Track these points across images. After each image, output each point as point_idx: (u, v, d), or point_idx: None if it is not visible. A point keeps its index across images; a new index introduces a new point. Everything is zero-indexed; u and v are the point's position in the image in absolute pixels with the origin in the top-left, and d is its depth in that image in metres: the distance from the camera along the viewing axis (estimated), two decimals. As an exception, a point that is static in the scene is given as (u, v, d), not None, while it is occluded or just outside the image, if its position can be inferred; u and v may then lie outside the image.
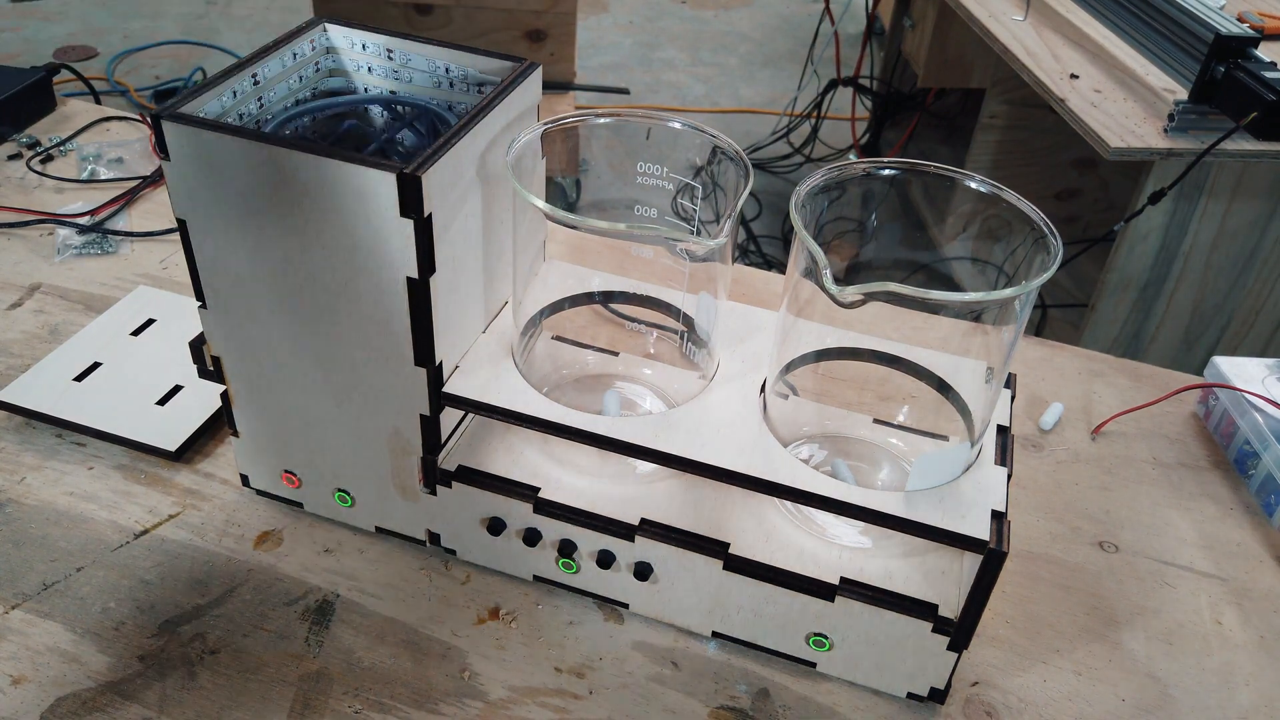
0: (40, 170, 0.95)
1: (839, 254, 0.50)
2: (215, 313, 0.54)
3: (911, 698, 0.54)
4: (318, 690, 0.53)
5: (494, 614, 0.57)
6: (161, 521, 0.61)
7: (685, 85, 2.95)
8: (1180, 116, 1.23)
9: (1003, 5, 1.64)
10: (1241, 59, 1.19)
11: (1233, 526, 0.67)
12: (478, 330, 0.57)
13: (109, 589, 0.57)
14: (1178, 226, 1.28)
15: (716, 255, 0.53)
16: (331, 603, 0.57)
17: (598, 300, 0.61)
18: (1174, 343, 1.41)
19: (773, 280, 0.85)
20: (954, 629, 0.50)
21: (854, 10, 2.77)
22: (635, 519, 0.54)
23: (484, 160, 0.51)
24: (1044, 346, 0.81)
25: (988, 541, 0.47)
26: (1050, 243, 0.46)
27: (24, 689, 0.52)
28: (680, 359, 0.59)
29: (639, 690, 0.54)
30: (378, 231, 0.47)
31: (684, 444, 0.51)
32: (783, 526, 0.55)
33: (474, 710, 0.52)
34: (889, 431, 0.58)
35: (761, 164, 2.49)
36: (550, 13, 1.55)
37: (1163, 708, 0.55)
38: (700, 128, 0.53)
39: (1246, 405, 0.70)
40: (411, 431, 0.54)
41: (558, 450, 0.58)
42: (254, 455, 0.61)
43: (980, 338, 0.51)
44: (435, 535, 0.60)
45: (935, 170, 0.52)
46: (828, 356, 0.56)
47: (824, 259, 0.44)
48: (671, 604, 0.56)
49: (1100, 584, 0.62)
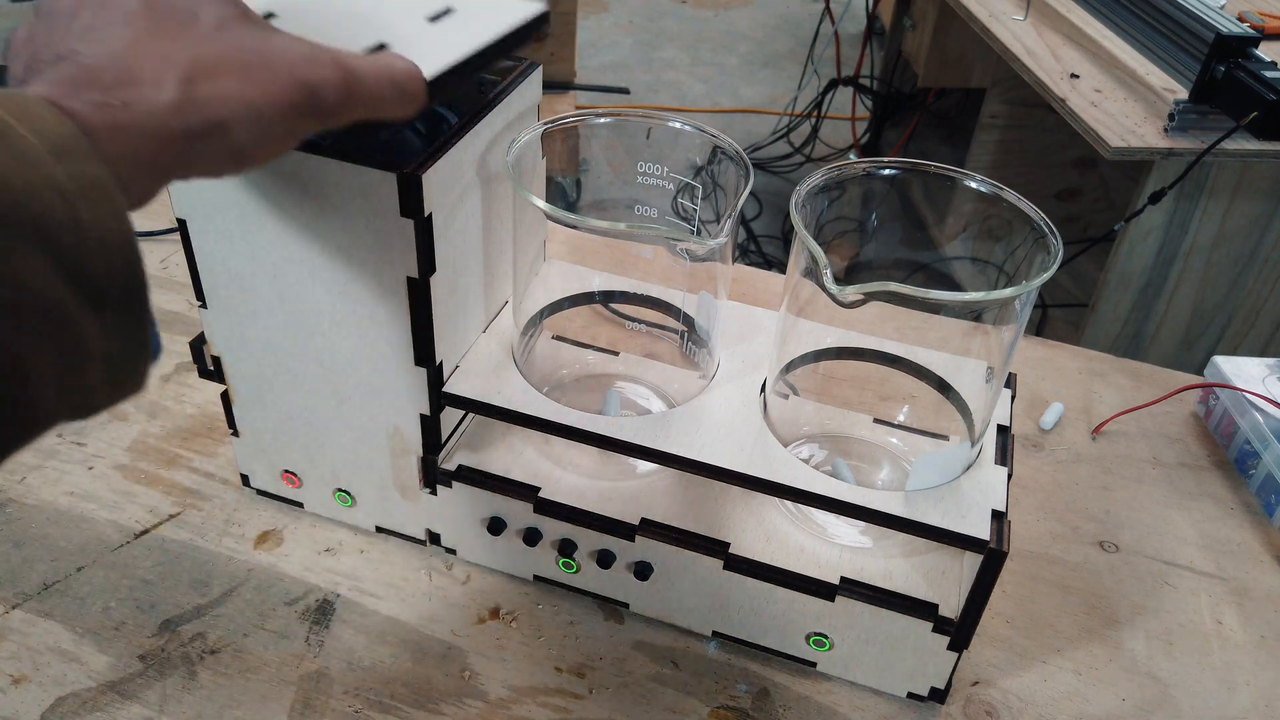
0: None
1: (839, 254, 0.50)
2: (215, 313, 0.54)
3: (912, 697, 0.54)
4: (318, 690, 0.53)
5: (494, 614, 0.57)
6: (161, 521, 0.61)
7: (685, 85, 2.95)
8: (1180, 116, 1.23)
9: (1003, 5, 1.64)
10: (1242, 59, 1.19)
11: (1233, 526, 0.67)
12: (478, 330, 0.57)
13: (109, 589, 0.57)
14: (1178, 226, 1.29)
15: (717, 255, 0.53)
16: (332, 602, 0.57)
17: (598, 300, 0.61)
18: (1174, 343, 1.41)
19: (773, 280, 0.85)
20: (954, 629, 0.50)
21: (854, 10, 2.77)
22: (635, 519, 0.54)
23: (484, 160, 0.51)
24: (1044, 346, 0.81)
25: (988, 541, 0.47)
26: (1050, 242, 0.46)
27: (24, 689, 0.52)
28: (680, 359, 0.59)
29: (639, 690, 0.54)
30: (378, 231, 0.47)
31: (684, 444, 0.51)
32: (783, 526, 0.55)
33: (474, 710, 0.52)
34: (889, 431, 0.58)
35: (761, 164, 2.49)
36: (550, 13, 1.55)
37: (1163, 708, 0.55)
38: (700, 127, 0.53)
39: (1247, 405, 0.70)
40: (411, 431, 0.54)
41: (558, 450, 0.58)
42: (254, 455, 0.61)
43: (980, 337, 0.51)
44: (435, 535, 0.60)
45: (935, 170, 0.52)
46: (828, 356, 0.56)
47: (824, 259, 0.44)
48: (671, 604, 0.56)
49: (1100, 584, 0.62)
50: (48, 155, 0.28)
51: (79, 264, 0.29)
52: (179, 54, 0.33)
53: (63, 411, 0.30)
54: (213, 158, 0.35)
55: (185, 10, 0.35)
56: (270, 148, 0.36)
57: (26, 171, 0.28)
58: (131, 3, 0.34)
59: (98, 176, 0.30)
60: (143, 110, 0.32)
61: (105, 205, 0.30)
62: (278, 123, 0.35)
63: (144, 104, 0.32)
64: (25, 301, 0.27)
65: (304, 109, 0.36)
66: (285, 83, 0.35)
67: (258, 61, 0.35)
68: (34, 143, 0.28)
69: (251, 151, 0.35)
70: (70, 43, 0.33)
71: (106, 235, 0.29)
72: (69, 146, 0.29)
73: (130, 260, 0.30)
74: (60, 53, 0.33)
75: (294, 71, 0.35)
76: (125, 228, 0.30)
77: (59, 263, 0.28)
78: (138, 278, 0.31)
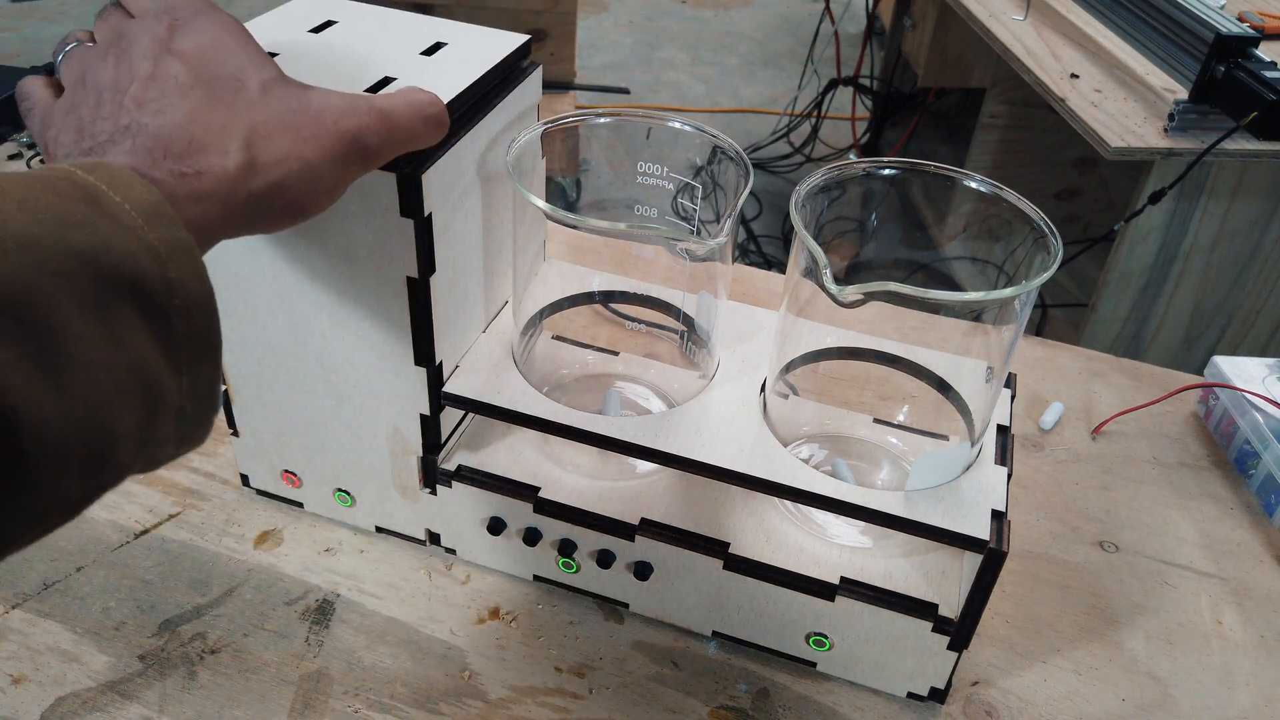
0: (40, 170, 0.95)
1: (839, 254, 0.50)
2: (215, 312, 0.54)
3: (912, 697, 0.54)
4: (318, 690, 0.53)
5: (494, 614, 0.57)
6: (161, 521, 0.61)
7: (685, 85, 2.95)
8: (1180, 116, 1.23)
9: (1003, 5, 1.64)
10: (1242, 59, 1.19)
11: (1233, 526, 0.67)
12: (478, 330, 0.57)
13: (109, 588, 0.57)
14: (1178, 226, 1.29)
15: (716, 255, 0.53)
16: (331, 602, 0.57)
17: (598, 300, 0.61)
18: (1174, 343, 1.41)
19: (773, 280, 0.85)
20: (954, 629, 0.50)
21: (854, 10, 2.77)
22: (635, 519, 0.54)
23: (484, 160, 0.51)
24: (1044, 346, 0.81)
25: (988, 541, 0.47)
26: (1050, 242, 0.46)
27: (24, 689, 0.52)
28: (680, 359, 0.59)
29: (639, 690, 0.54)
30: (378, 231, 0.47)
31: (684, 444, 0.51)
32: (783, 526, 0.55)
33: (474, 710, 0.52)
34: (889, 431, 0.58)
35: (761, 164, 2.49)
36: (550, 12, 1.55)
37: (1163, 707, 0.55)
38: (700, 127, 0.53)
39: (1247, 405, 0.70)
40: (411, 431, 0.54)
41: (558, 450, 0.58)
42: (254, 455, 0.61)
43: (980, 337, 0.51)
44: (435, 535, 0.60)
45: (935, 170, 0.52)
46: (828, 356, 0.56)
47: (824, 259, 0.44)
48: (671, 604, 0.56)
49: (1100, 584, 0.62)
50: (141, 221, 0.30)
51: (168, 324, 0.31)
52: (236, 121, 0.36)
53: (137, 465, 0.32)
54: (273, 214, 0.37)
55: (232, 78, 0.37)
56: (323, 199, 0.39)
57: (125, 236, 0.30)
58: (181, 73, 0.36)
59: (184, 240, 0.31)
60: (213, 177, 0.34)
61: (190, 267, 0.31)
62: (329, 175, 0.38)
63: (214, 171, 0.34)
64: (122, 361, 0.29)
65: (351, 157, 0.38)
66: (332, 137, 0.37)
67: (305, 120, 0.37)
68: (129, 210, 0.30)
69: (307, 204, 0.38)
70: (130, 115, 0.35)
71: (191, 296, 0.31)
72: (158, 212, 0.31)
73: (210, 319, 0.32)
74: (123, 125, 0.35)
75: (339, 125, 0.38)
76: (207, 289, 0.32)
77: (152, 323, 0.30)
78: (215, 336, 0.33)
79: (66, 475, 0.28)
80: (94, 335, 0.28)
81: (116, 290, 0.29)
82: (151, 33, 0.37)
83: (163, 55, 0.36)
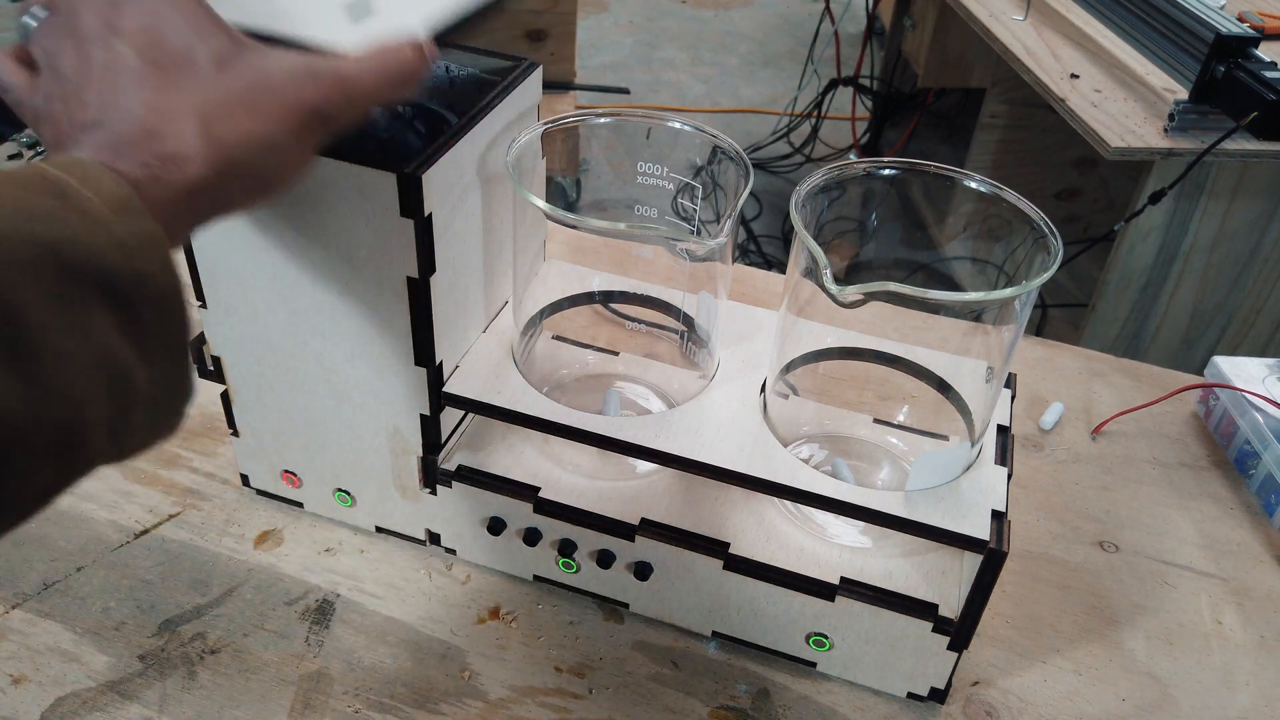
0: (40, 170, 0.95)
1: (839, 254, 0.50)
2: (215, 313, 0.54)
3: (912, 697, 0.54)
4: (318, 690, 0.53)
5: (494, 614, 0.57)
6: (161, 521, 0.61)
7: (685, 85, 2.95)
8: (1180, 116, 1.23)
9: (1003, 5, 1.64)
10: (1242, 59, 1.19)
11: (1233, 526, 0.67)
12: (478, 330, 0.57)
13: (109, 589, 0.57)
14: (1178, 226, 1.29)
15: (717, 255, 0.53)
16: (331, 602, 0.57)
17: (598, 300, 0.61)
18: (1174, 343, 1.41)
19: (773, 280, 0.85)
20: (954, 629, 0.50)
21: (854, 10, 2.77)
22: (635, 519, 0.54)
23: (484, 160, 0.51)
24: (1044, 346, 0.81)
25: (988, 541, 0.47)
26: (1050, 243, 0.46)
27: (24, 689, 0.52)
28: (680, 359, 0.59)
29: (639, 690, 0.54)
30: (378, 231, 0.47)
31: (684, 444, 0.51)
32: (783, 526, 0.55)
33: (474, 710, 0.52)
34: (889, 431, 0.58)
35: (761, 164, 2.49)
36: (550, 12, 1.55)
37: (1163, 707, 0.55)
38: (700, 127, 0.53)
39: (1246, 405, 0.70)
40: (411, 431, 0.54)
41: (558, 450, 0.58)
42: (254, 455, 0.61)
43: (980, 338, 0.51)
44: (435, 535, 0.60)
45: (935, 170, 0.52)
46: (828, 356, 0.56)
47: (824, 259, 0.44)
48: (671, 604, 0.56)
49: (1100, 584, 0.62)
50: (109, 214, 0.31)
51: (136, 314, 0.31)
52: (190, 104, 0.35)
53: (109, 454, 0.32)
54: (242, 194, 0.37)
55: (182, 55, 0.36)
56: (290, 171, 0.38)
57: (92, 229, 0.30)
58: (130, 57, 0.36)
59: (152, 231, 0.32)
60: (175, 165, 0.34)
61: (158, 258, 0.32)
62: (292, 147, 0.37)
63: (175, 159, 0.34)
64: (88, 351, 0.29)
65: (311, 126, 0.38)
66: (291, 108, 0.37)
67: (262, 95, 0.37)
68: (97, 203, 0.31)
69: (274, 180, 0.38)
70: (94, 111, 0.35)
71: (159, 287, 0.32)
72: (126, 205, 0.31)
73: (178, 309, 0.32)
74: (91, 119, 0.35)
75: (298, 94, 0.37)
76: (175, 279, 0.32)
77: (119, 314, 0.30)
78: (184, 326, 0.33)
79: (36, 463, 0.29)
80: (60, 326, 0.29)
81: (83, 282, 0.29)
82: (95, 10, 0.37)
83: (110, 38, 0.36)
